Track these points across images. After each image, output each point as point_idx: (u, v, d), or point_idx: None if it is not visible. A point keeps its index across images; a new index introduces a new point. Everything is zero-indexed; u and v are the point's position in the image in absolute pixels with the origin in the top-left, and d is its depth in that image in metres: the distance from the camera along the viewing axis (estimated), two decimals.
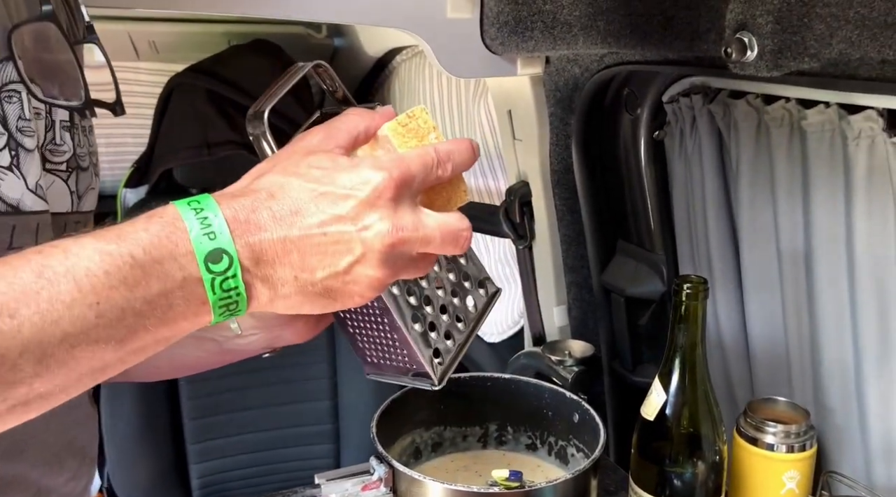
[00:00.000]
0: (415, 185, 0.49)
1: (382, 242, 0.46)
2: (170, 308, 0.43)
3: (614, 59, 0.93)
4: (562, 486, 0.68)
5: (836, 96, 0.75)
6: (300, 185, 0.46)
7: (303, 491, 0.66)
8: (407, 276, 0.51)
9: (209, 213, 0.44)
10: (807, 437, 0.78)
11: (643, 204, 1.05)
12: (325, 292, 0.47)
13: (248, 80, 1.50)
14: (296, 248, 0.45)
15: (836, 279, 0.81)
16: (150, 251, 0.42)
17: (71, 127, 0.61)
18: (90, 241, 0.41)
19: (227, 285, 0.44)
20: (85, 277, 0.40)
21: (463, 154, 0.52)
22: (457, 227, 0.50)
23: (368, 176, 0.46)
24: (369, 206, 0.46)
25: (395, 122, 0.53)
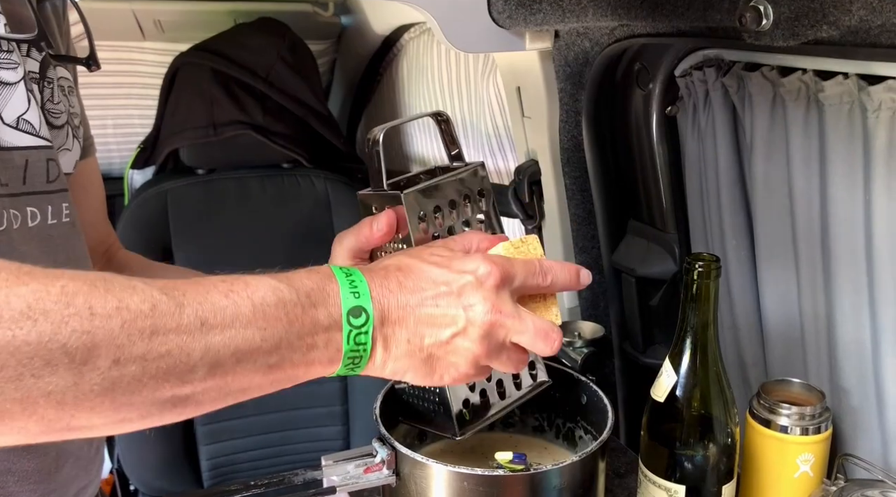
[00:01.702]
0: (516, 283, 0.56)
1: (483, 319, 0.54)
2: (312, 349, 0.50)
3: (625, 32, 0.90)
4: (568, 468, 0.67)
5: (856, 66, 0.72)
6: (422, 265, 0.55)
7: (304, 473, 0.65)
8: (500, 363, 0.56)
9: (355, 275, 0.52)
10: (822, 419, 0.76)
11: (655, 182, 1.03)
12: (428, 359, 0.54)
13: (255, 59, 1.48)
14: (413, 314, 0.53)
15: (854, 257, 0.79)
16: (310, 296, 0.50)
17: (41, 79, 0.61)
18: (266, 278, 0.50)
19: (359, 339, 0.51)
20: (261, 305, 0.48)
21: (564, 273, 0.59)
22: (550, 327, 0.56)
23: (478, 264, 0.55)
24: (475, 288, 0.54)
25: (508, 243, 0.61)
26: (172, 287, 0.46)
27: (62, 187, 0.63)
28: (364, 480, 0.67)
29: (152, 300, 0.44)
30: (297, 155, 1.52)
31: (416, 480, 0.67)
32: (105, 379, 0.43)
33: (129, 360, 0.43)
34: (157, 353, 0.44)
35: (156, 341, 0.44)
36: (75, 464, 0.65)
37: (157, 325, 0.44)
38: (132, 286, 0.45)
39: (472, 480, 0.65)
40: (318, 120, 1.55)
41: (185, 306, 0.45)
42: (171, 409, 0.47)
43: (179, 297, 0.45)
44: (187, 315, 0.45)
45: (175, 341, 0.44)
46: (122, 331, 0.43)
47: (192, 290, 0.46)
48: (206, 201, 1.49)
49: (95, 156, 0.80)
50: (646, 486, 0.78)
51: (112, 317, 0.43)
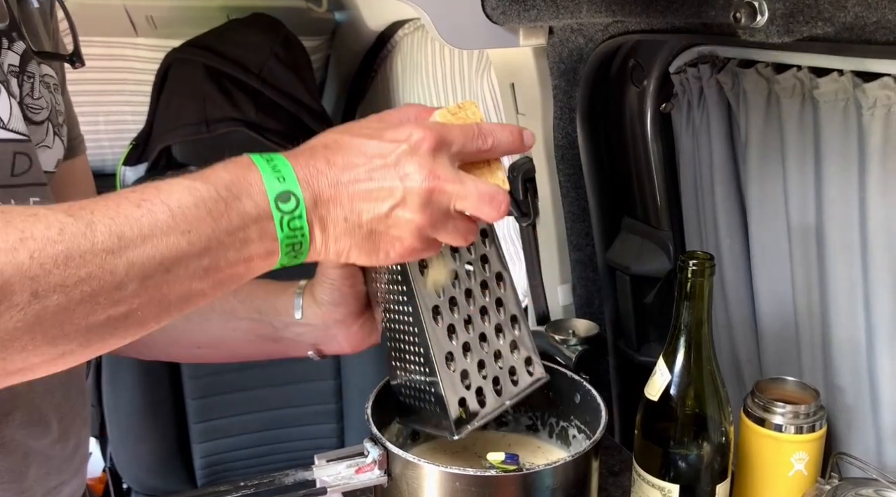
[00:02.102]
0: (454, 148, 0.53)
1: (420, 186, 0.51)
2: (246, 242, 0.48)
3: (619, 29, 0.89)
4: (561, 468, 0.66)
5: (851, 63, 0.72)
6: (351, 139, 0.52)
7: (294, 473, 0.64)
8: (446, 233, 0.54)
9: (277, 160, 0.50)
10: (816, 417, 0.75)
11: (649, 179, 1.02)
12: (370, 235, 0.52)
13: (247, 55, 1.47)
14: (346, 191, 0.50)
15: (849, 255, 0.78)
16: (230, 188, 0.47)
17: (20, 73, 0.60)
18: (179, 180, 0.47)
19: (293, 224, 0.49)
20: (178, 208, 0.45)
21: (505, 134, 0.56)
22: (495, 190, 0.53)
23: (411, 131, 0.52)
24: (410, 155, 0.51)
25: (444, 109, 0.58)
26: (79, 207, 0.44)
27: (33, 182, 0.61)
28: (355, 481, 0.67)
29: (59, 224, 0.42)
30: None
31: (407, 481, 0.66)
32: (27, 314, 0.41)
33: (48, 290, 0.41)
34: (77, 278, 0.42)
35: (72, 265, 0.42)
36: (44, 462, 0.64)
37: (70, 249, 0.42)
38: (34, 214, 0.42)
39: (464, 481, 0.64)
40: (311, 116, 1.54)
41: (96, 224, 0.43)
42: (113, 332, 0.45)
43: (87, 215, 0.43)
44: (100, 232, 0.43)
45: (94, 262, 0.42)
46: (33, 261, 0.41)
47: (100, 207, 0.44)
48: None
49: (86, 155, 0.79)
50: (640, 486, 0.78)
51: (18, 249, 0.41)
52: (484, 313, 0.70)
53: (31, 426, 0.62)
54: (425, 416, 0.68)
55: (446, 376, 0.65)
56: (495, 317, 0.70)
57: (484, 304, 0.70)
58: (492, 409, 0.69)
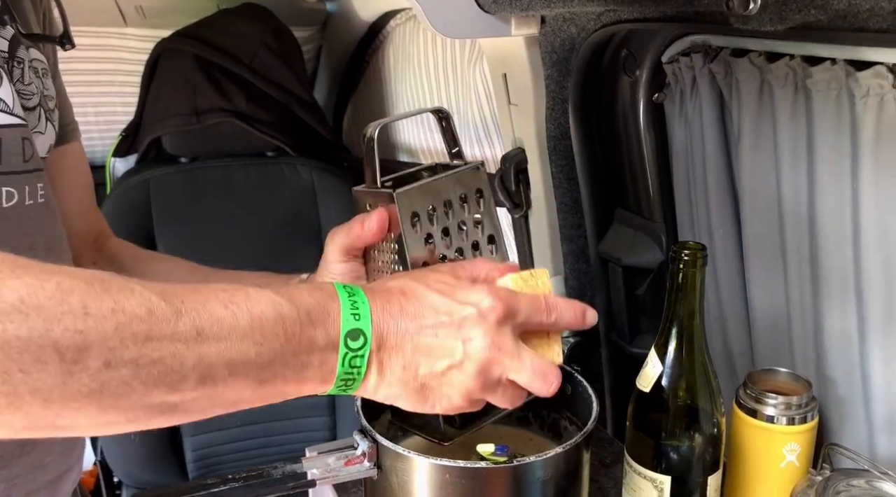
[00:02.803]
0: (519, 319, 0.55)
1: (481, 355, 0.52)
2: (305, 368, 0.49)
3: (611, 18, 0.89)
4: (552, 460, 0.66)
5: (844, 52, 0.71)
6: (425, 291, 0.53)
7: (283, 466, 0.63)
8: (494, 399, 0.55)
9: (357, 296, 0.51)
10: (808, 408, 0.75)
11: (642, 170, 1.02)
12: (421, 389, 0.53)
13: (238, 45, 1.46)
14: (411, 342, 0.52)
15: (841, 246, 0.78)
16: (310, 314, 0.49)
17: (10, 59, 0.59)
18: (267, 292, 0.49)
19: (354, 362, 0.50)
20: (259, 319, 0.47)
21: (570, 312, 0.58)
22: (549, 368, 0.55)
23: (482, 296, 0.53)
24: (477, 321, 0.53)
25: (517, 275, 0.59)
26: (171, 293, 0.45)
27: (37, 167, 0.61)
28: (345, 473, 0.66)
29: (149, 304, 0.43)
30: (282, 143, 1.50)
31: (397, 473, 0.66)
32: (94, 380, 0.42)
33: (120, 363, 0.42)
34: (150, 359, 0.43)
35: (149, 347, 0.43)
36: (47, 450, 0.64)
37: (153, 331, 0.43)
38: (130, 288, 0.44)
39: (455, 473, 0.64)
40: (302, 107, 1.53)
41: (183, 314, 0.44)
42: (159, 415, 0.46)
43: (178, 303, 0.44)
44: (184, 323, 0.44)
45: (169, 348, 0.44)
46: (116, 333, 0.42)
47: (190, 298, 0.45)
48: (190, 190, 1.47)
49: (80, 142, 0.79)
50: (631, 477, 0.77)
51: (107, 318, 0.42)
52: None
53: None
54: (416, 418, 0.68)
55: None
56: None
57: None
58: (483, 416, 0.69)
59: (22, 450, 0.62)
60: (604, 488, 0.89)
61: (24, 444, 0.62)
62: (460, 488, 0.64)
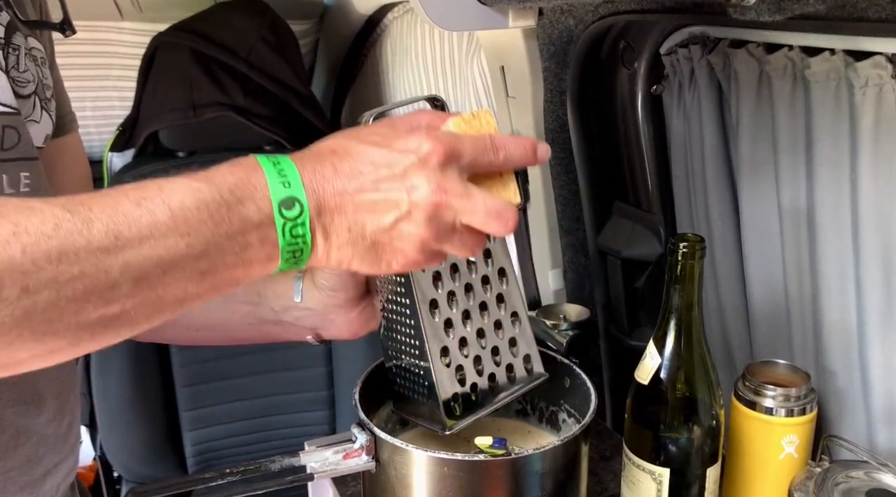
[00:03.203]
0: (464, 160, 0.52)
1: (427, 200, 0.49)
2: (246, 248, 0.47)
3: (609, 9, 0.88)
4: (550, 452, 0.66)
5: (842, 42, 0.71)
6: (359, 147, 0.50)
7: (281, 460, 0.63)
8: (451, 247, 0.53)
9: (284, 164, 0.48)
10: (807, 400, 0.75)
11: (640, 162, 1.01)
12: (373, 246, 0.50)
13: (235, 38, 1.45)
14: (351, 201, 0.49)
15: (840, 237, 0.78)
16: (234, 192, 0.46)
17: (6, 45, 0.59)
18: (182, 180, 0.45)
19: (295, 231, 0.48)
20: (179, 210, 0.44)
21: (518, 148, 0.54)
22: (503, 206, 0.52)
23: (421, 142, 0.50)
24: (419, 167, 0.50)
25: (458, 117, 0.56)
26: (77, 202, 0.43)
27: (23, 156, 0.60)
28: (343, 466, 0.66)
29: (54, 219, 0.41)
30: (279, 137, 1.50)
31: (395, 466, 0.66)
32: (16, 309, 0.40)
33: (38, 286, 0.40)
34: (70, 275, 0.41)
35: (65, 262, 0.41)
36: (40, 442, 0.63)
37: (64, 246, 0.41)
38: (29, 207, 0.41)
39: (453, 466, 0.64)
40: (299, 101, 1.52)
41: (94, 221, 0.42)
42: (103, 331, 0.44)
43: (85, 212, 0.42)
44: (97, 230, 0.42)
45: (88, 260, 0.41)
46: (25, 256, 0.40)
47: (98, 203, 0.43)
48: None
49: (78, 133, 0.78)
50: (630, 470, 0.77)
51: (10, 243, 0.40)
52: (483, 308, 0.70)
53: (23, 404, 0.62)
54: (418, 408, 0.68)
55: (441, 371, 0.65)
56: (495, 312, 0.70)
57: (484, 300, 0.70)
58: (485, 405, 0.69)
59: (16, 442, 0.61)
60: (603, 481, 0.89)
61: (17, 437, 0.61)
62: (458, 481, 0.64)
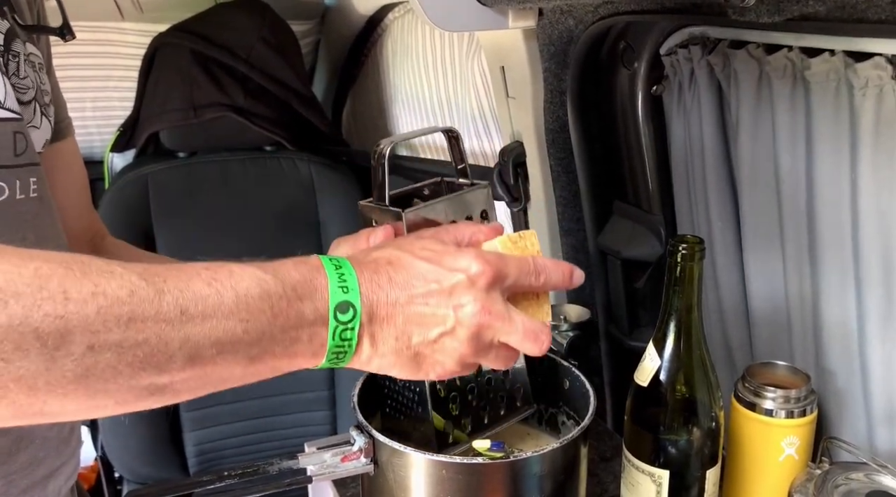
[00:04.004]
0: (507, 282, 0.55)
1: (472, 320, 0.52)
2: (295, 342, 0.49)
3: (609, 10, 0.88)
4: (549, 455, 0.66)
5: (842, 43, 0.70)
6: (413, 259, 0.53)
7: (280, 462, 0.63)
8: (487, 361, 0.56)
9: (345, 268, 0.51)
10: (807, 401, 0.75)
11: (641, 163, 1.01)
12: (415, 357, 0.53)
13: (235, 39, 1.46)
14: (402, 312, 0.51)
15: (840, 238, 0.78)
16: (296, 289, 0.48)
17: (5, 52, 0.59)
18: (251, 268, 0.48)
19: (345, 335, 0.50)
20: (244, 296, 0.46)
21: (557, 274, 0.58)
22: (539, 328, 0.55)
23: (471, 262, 0.53)
24: (466, 287, 0.52)
25: (506, 237, 0.59)
26: (153, 273, 0.44)
27: (30, 162, 0.61)
28: (341, 469, 0.66)
29: (131, 286, 0.43)
30: (280, 137, 1.50)
31: (394, 469, 0.66)
32: (79, 365, 0.41)
33: (104, 347, 0.42)
34: (134, 341, 0.42)
35: (133, 329, 0.42)
36: (42, 445, 0.64)
37: (135, 313, 0.42)
38: (110, 271, 0.43)
39: (451, 468, 0.64)
40: (300, 101, 1.52)
41: (165, 293, 0.44)
42: (148, 396, 0.45)
43: (160, 283, 0.44)
44: (167, 303, 0.43)
45: (153, 330, 0.43)
46: (98, 317, 0.41)
47: (173, 277, 0.45)
48: (188, 185, 1.47)
49: (74, 138, 0.78)
50: (630, 472, 0.77)
51: (87, 302, 0.41)
52: None
53: None
54: (410, 433, 0.69)
55: (435, 399, 0.67)
56: None
57: None
58: (478, 433, 0.70)
59: (18, 446, 0.62)
60: (603, 482, 0.89)
61: (20, 440, 0.62)
62: (457, 484, 0.64)
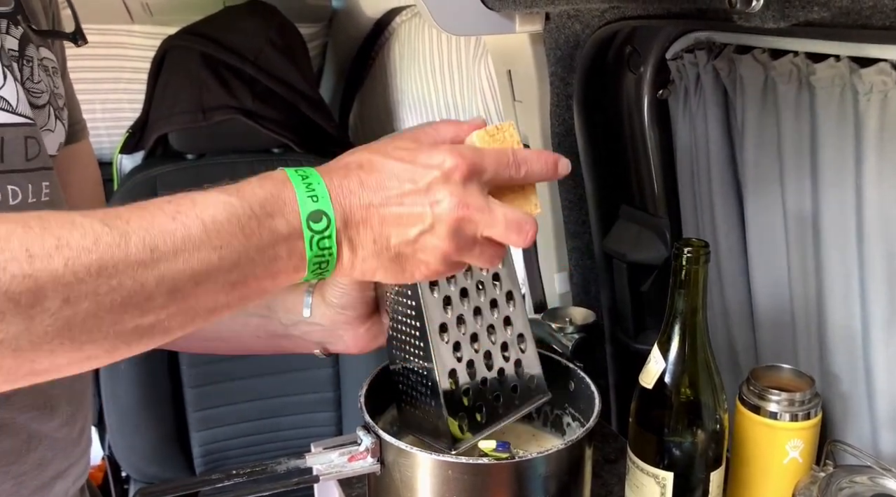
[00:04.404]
0: (486, 175, 0.53)
1: (450, 215, 0.51)
2: (275, 260, 0.48)
3: (616, 15, 0.89)
4: (554, 456, 0.66)
5: (847, 49, 0.71)
6: (384, 161, 0.52)
7: (287, 462, 0.64)
8: (472, 258, 0.54)
9: (312, 178, 0.50)
10: (811, 404, 0.75)
11: (646, 166, 1.02)
12: (397, 258, 0.52)
13: (243, 42, 1.47)
14: (377, 214, 0.51)
15: (845, 242, 0.78)
16: (264, 206, 0.48)
17: (20, 57, 0.60)
18: (214, 194, 0.47)
19: (322, 244, 0.49)
20: (212, 223, 0.46)
21: (539, 163, 0.56)
22: (523, 218, 0.53)
23: (445, 157, 0.52)
24: (442, 182, 0.51)
25: (482, 131, 0.57)
26: (114, 216, 0.44)
27: (43, 166, 0.62)
28: (348, 469, 0.67)
29: (94, 234, 0.43)
30: (288, 140, 1.51)
31: (400, 469, 0.66)
32: (57, 319, 0.41)
33: (79, 297, 0.42)
34: (109, 287, 0.43)
35: (104, 275, 0.42)
36: (51, 446, 0.64)
37: (104, 259, 0.42)
38: (71, 221, 0.43)
39: (457, 469, 0.64)
40: (308, 104, 1.53)
41: (131, 235, 0.44)
42: (138, 339, 0.46)
43: (123, 226, 0.44)
44: (134, 244, 0.43)
45: (126, 273, 0.43)
46: (67, 269, 0.41)
47: (136, 217, 0.45)
48: (196, 187, 1.47)
49: (88, 140, 0.79)
50: (634, 473, 0.78)
51: (52, 256, 0.41)
52: (491, 331, 0.71)
53: (35, 409, 0.63)
54: (425, 427, 0.69)
55: (448, 391, 0.66)
56: (502, 335, 0.72)
57: (492, 323, 0.71)
58: (490, 425, 0.70)
59: (28, 446, 0.62)
60: (608, 484, 0.90)
61: (29, 441, 0.62)
62: (462, 484, 0.64)
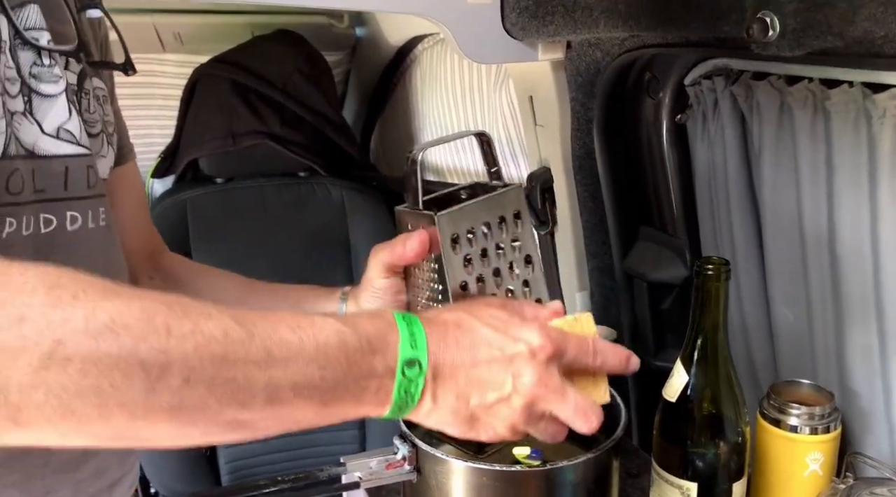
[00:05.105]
0: (566, 359, 0.57)
1: (528, 391, 0.55)
2: (364, 392, 0.51)
3: (635, 43, 0.92)
4: (583, 464, 0.68)
5: (861, 75, 0.74)
6: (479, 325, 0.56)
7: (329, 469, 0.67)
8: (536, 431, 0.58)
9: (415, 327, 0.54)
10: (831, 418, 0.77)
11: (665, 188, 1.04)
12: (470, 419, 0.55)
13: (272, 70, 1.51)
14: (464, 374, 0.54)
15: (861, 261, 0.80)
16: (371, 342, 0.52)
17: (79, 90, 0.64)
18: (332, 320, 0.51)
19: (409, 390, 0.53)
20: (325, 345, 0.50)
21: (615, 357, 0.61)
22: (591, 407, 0.58)
23: (534, 335, 0.56)
24: (527, 359, 0.55)
25: (562, 320, 0.62)
26: (244, 317, 0.48)
27: (100, 193, 0.66)
28: (386, 476, 0.69)
29: (225, 327, 0.46)
30: (313, 163, 1.55)
31: (436, 476, 0.69)
32: (174, 397, 0.45)
33: (198, 381, 0.45)
34: (224, 378, 0.46)
35: (224, 367, 0.46)
36: (107, 455, 0.67)
37: (228, 352, 0.46)
38: (207, 312, 0.47)
39: (491, 476, 0.67)
40: (333, 129, 1.58)
41: (255, 336, 0.47)
42: (230, 431, 0.49)
43: (250, 327, 0.47)
44: (256, 345, 0.47)
45: (242, 369, 0.46)
46: (195, 353, 0.45)
47: (261, 322, 0.48)
48: (225, 209, 1.52)
49: (135, 162, 0.83)
50: (659, 485, 0.79)
51: (187, 338, 0.45)
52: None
53: None
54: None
55: None
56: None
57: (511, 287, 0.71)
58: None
59: (86, 455, 0.65)
60: None
61: (87, 451, 0.65)
62: (495, 490, 0.67)
